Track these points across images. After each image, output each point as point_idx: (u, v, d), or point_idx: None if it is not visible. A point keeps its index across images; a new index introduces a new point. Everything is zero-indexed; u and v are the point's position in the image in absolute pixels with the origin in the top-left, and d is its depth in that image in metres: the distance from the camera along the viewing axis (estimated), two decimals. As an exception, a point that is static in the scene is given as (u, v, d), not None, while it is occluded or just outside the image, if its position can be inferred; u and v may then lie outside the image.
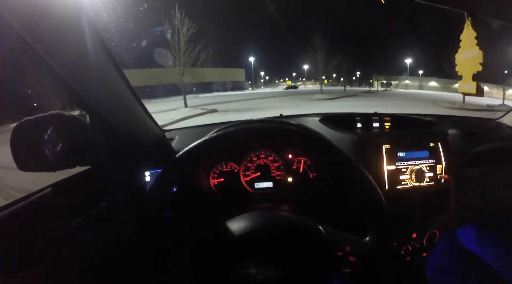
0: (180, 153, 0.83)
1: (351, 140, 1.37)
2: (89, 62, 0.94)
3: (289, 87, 50.79)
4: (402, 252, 1.35)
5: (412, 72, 51.23)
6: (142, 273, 0.89)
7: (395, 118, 1.73)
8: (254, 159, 1.38)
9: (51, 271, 0.87)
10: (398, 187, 1.32)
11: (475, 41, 1.45)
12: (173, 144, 1.48)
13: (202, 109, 18.90)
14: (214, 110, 18.65)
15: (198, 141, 0.84)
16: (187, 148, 0.83)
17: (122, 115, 1.15)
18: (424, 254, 1.40)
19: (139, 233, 0.89)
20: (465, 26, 1.47)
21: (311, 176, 1.38)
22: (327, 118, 1.64)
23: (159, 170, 1.28)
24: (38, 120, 0.95)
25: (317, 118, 1.64)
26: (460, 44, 1.55)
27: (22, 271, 0.79)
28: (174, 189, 1.24)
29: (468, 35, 1.47)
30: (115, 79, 1.07)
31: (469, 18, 1.44)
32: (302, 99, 26.12)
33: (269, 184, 1.38)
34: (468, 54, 1.50)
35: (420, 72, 49.32)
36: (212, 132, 1.27)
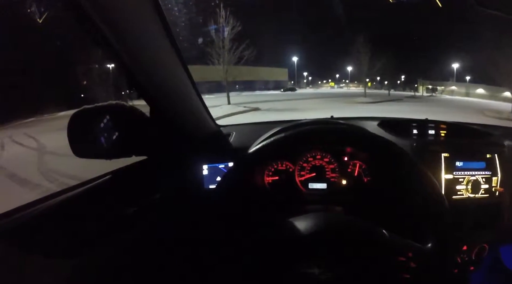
0: (253, 150, 0.84)
1: (409, 146, 1.36)
2: (157, 54, 0.95)
3: (286, 89, 50.37)
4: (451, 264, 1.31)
5: (459, 78, 48.62)
6: (198, 265, 0.89)
7: (450, 126, 1.68)
8: (310, 159, 1.37)
9: (105, 256, 0.90)
10: (453, 197, 1.31)
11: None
12: (231, 139, 1.50)
13: (244, 107, 19.12)
14: (256, 109, 18.83)
15: (269, 140, 0.84)
16: (260, 146, 0.84)
17: (183, 108, 1.17)
18: (472, 268, 1.35)
19: (196, 226, 0.91)
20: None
21: (365, 180, 1.36)
22: (384, 123, 1.63)
23: (217, 165, 1.36)
24: (96, 109, 0.97)
25: (374, 123, 1.63)
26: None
27: (77, 255, 0.81)
28: None
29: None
30: (180, 73, 1.09)
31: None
32: (344, 101, 25.70)
33: (323, 185, 1.36)
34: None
35: (467, 78, 46.86)
36: (276, 131, 1.34)
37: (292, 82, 63.90)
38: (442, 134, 1.69)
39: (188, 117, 1.23)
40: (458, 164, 1.32)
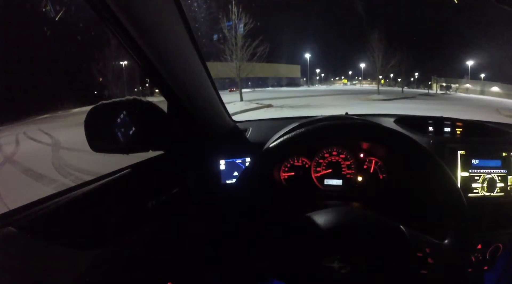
0: (271, 145, 0.82)
1: (426, 143, 1.36)
2: (177, 49, 0.96)
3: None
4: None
5: (474, 76, 47.45)
6: (220, 260, 0.95)
7: (466, 124, 1.68)
8: (326, 155, 1.39)
9: (124, 249, 0.91)
10: (469, 194, 1.30)
11: None
12: (247, 135, 1.51)
13: (257, 104, 19.08)
14: (269, 106, 18.77)
15: (287, 136, 0.82)
16: (278, 141, 0.82)
17: (200, 103, 1.18)
18: (485, 268, 1.34)
19: (216, 220, 0.94)
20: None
21: (381, 177, 1.38)
22: (400, 120, 1.63)
23: (234, 160, 1.40)
24: (113, 104, 0.97)
25: (391, 119, 1.62)
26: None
27: (97, 248, 0.82)
28: None
29: None
30: (198, 69, 1.10)
31: None
32: (358, 98, 25.67)
33: (339, 182, 1.39)
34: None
35: (482, 76, 45.81)
36: (294, 127, 1.36)
37: (305, 78, 63.72)
38: (458, 132, 1.70)
39: (205, 112, 1.24)
40: (474, 161, 1.31)
